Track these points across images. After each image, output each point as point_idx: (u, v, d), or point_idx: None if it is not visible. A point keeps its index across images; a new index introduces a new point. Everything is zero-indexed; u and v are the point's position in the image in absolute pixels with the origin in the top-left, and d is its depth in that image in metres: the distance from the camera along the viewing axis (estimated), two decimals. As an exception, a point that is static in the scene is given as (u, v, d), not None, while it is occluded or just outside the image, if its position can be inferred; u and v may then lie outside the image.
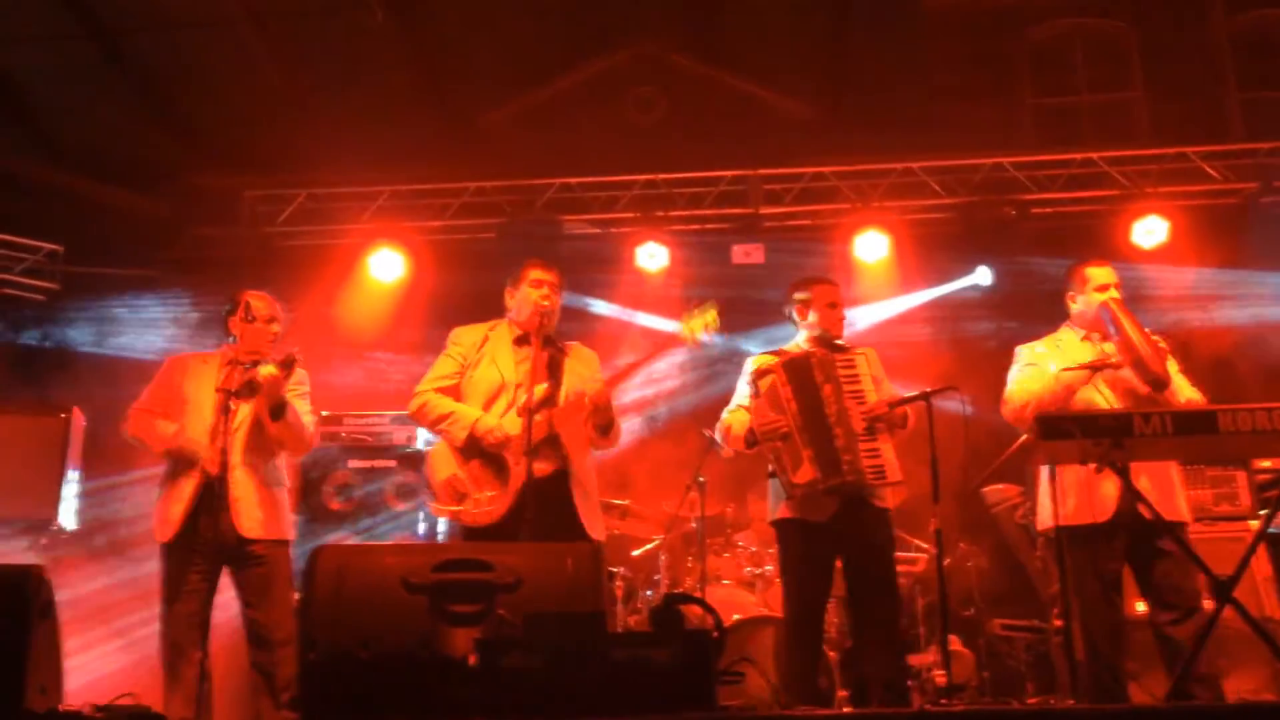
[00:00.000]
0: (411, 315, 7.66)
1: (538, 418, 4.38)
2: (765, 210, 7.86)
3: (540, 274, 4.71)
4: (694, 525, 6.35)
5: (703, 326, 4.60)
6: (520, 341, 4.67)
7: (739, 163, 7.87)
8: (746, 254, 7.83)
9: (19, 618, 3.06)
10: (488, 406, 4.56)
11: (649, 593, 6.39)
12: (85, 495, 6.28)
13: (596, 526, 4.55)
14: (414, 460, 6.45)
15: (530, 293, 4.67)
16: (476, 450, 4.50)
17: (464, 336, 4.75)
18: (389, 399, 6.84)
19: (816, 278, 5.02)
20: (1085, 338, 4.66)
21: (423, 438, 6.57)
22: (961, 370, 4.90)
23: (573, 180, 7.93)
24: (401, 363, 7.32)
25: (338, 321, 7.51)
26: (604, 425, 4.55)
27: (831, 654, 5.39)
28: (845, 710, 4.81)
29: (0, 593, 3.12)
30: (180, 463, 4.59)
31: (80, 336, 7.32)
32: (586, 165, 7.96)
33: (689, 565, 6.56)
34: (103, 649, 4.45)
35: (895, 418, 4.59)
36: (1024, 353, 4.76)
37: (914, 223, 7.74)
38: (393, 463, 6.58)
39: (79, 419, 6.45)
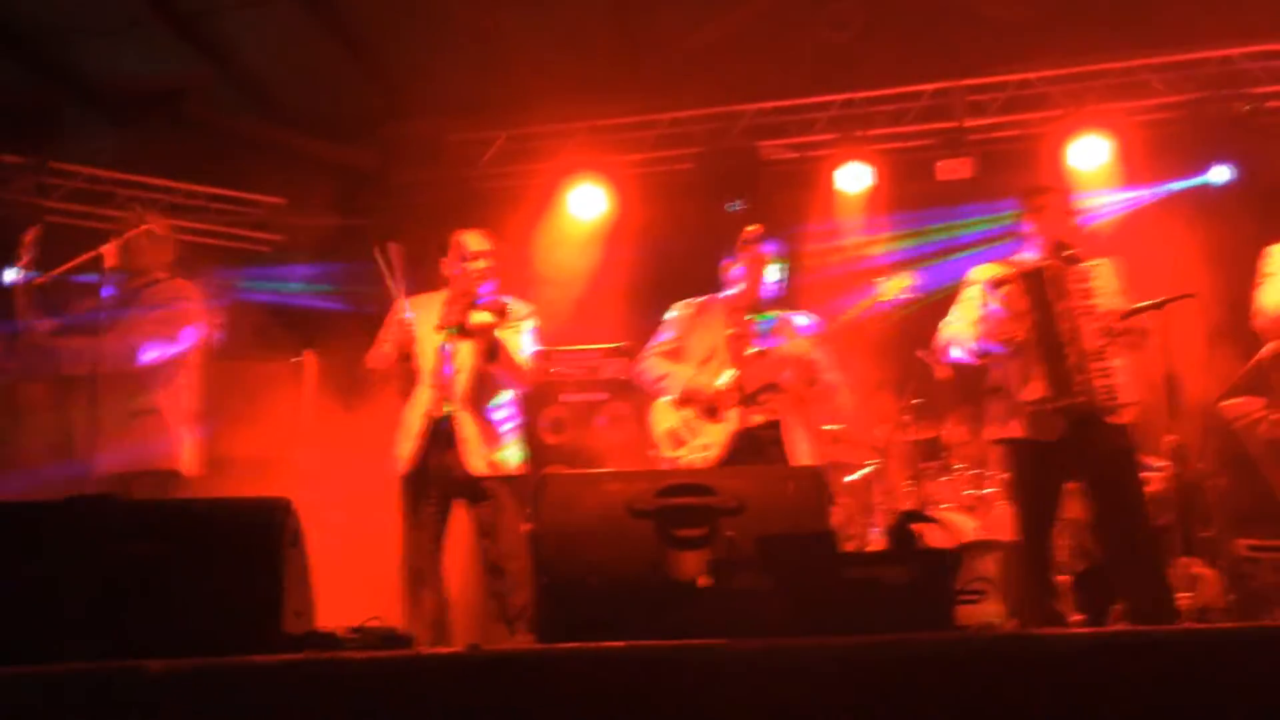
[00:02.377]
0: (614, 248, 7.71)
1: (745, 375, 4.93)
2: (970, 123, 7.51)
3: (761, 250, 5.14)
4: (908, 449, 6.23)
5: (899, 289, 5.03)
6: (737, 308, 5.11)
7: (941, 75, 7.54)
8: (952, 169, 7.55)
9: (272, 546, 3.24)
10: (704, 365, 5.07)
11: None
12: (321, 433, 6.64)
13: None
14: (625, 391, 6.53)
15: (750, 269, 5.11)
16: (692, 404, 5.03)
17: (686, 308, 5.25)
18: (598, 333, 6.93)
19: (1049, 185, 4.81)
20: None
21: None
22: (1198, 277, 4.59)
23: (768, 105, 7.78)
24: (607, 296, 7.38)
25: (542, 257, 7.62)
26: (808, 381, 4.99)
27: (1063, 578, 5.20)
28: (1111, 628, 4.61)
29: (254, 524, 3.30)
30: (412, 400, 4.80)
31: (304, 284, 7.66)
32: (782, 88, 7.79)
33: (905, 490, 6.46)
34: (345, 577, 4.70)
35: (1133, 331, 4.35)
36: (1275, 254, 4.41)
37: (1136, 125, 7.26)
38: (604, 395, 6.68)
39: (311, 361, 6.81)
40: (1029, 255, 4.65)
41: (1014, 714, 2.39)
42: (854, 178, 7.50)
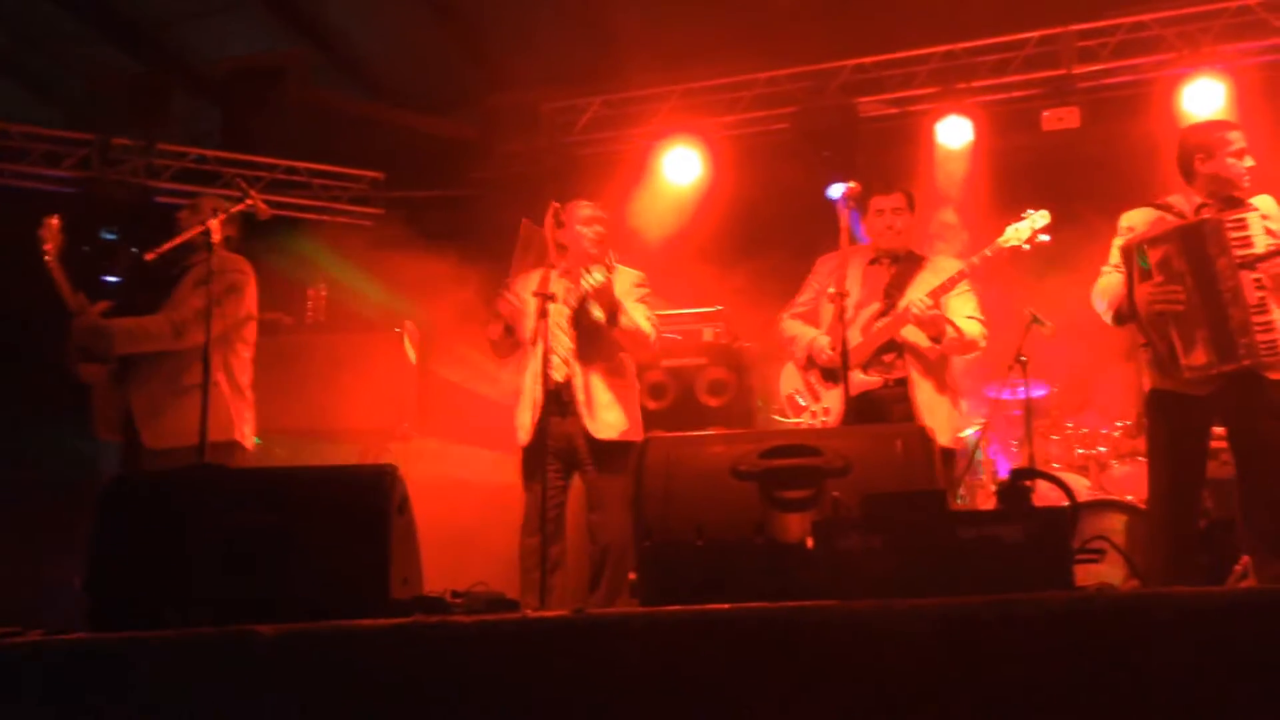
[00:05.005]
0: (710, 211, 7.63)
1: (872, 331, 4.84)
2: (1079, 69, 7.24)
3: (881, 201, 5.00)
4: (1016, 407, 6.08)
5: (1030, 231, 4.72)
6: (874, 262, 5.03)
7: (1047, 20, 7.28)
8: (1059, 119, 7.29)
9: (380, 514, 3.27)
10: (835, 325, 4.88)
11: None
12: (424, 402, 6.71)
13: (941, 428, 4.56)
14: (724, 355, 6.47)
15: (875, 221, 5.03)
16: (816, 366, 4.97)
17: (823, 265, 5.12)
18: (695, 297, 6.87)
19: (1217, 122, 4.54)
20: None
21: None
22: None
23: (866, 60, 7.60)
24: (704, 260, 7.30)
25: (639, 222, 7.58)
26: (934, 337, 4.78)
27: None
28: (1237, 587, 4.43)
29: (361, 491, 3.34)
30: (526, 370, 4.81)
31: (405, 257, 7.73)
32: (879, 42, 7.61)
33: (1013, 450, 6.31)
34: (449, 543, 4.74)
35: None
36: None
37: (1253, 67, 6.93)
38: (703, 359, 6.60)
39: (413, 332, 6.89)
40: (1181, 198, 4.40)
41: (1136, 674, 2.30)
42: (956, 131, 7.29)
